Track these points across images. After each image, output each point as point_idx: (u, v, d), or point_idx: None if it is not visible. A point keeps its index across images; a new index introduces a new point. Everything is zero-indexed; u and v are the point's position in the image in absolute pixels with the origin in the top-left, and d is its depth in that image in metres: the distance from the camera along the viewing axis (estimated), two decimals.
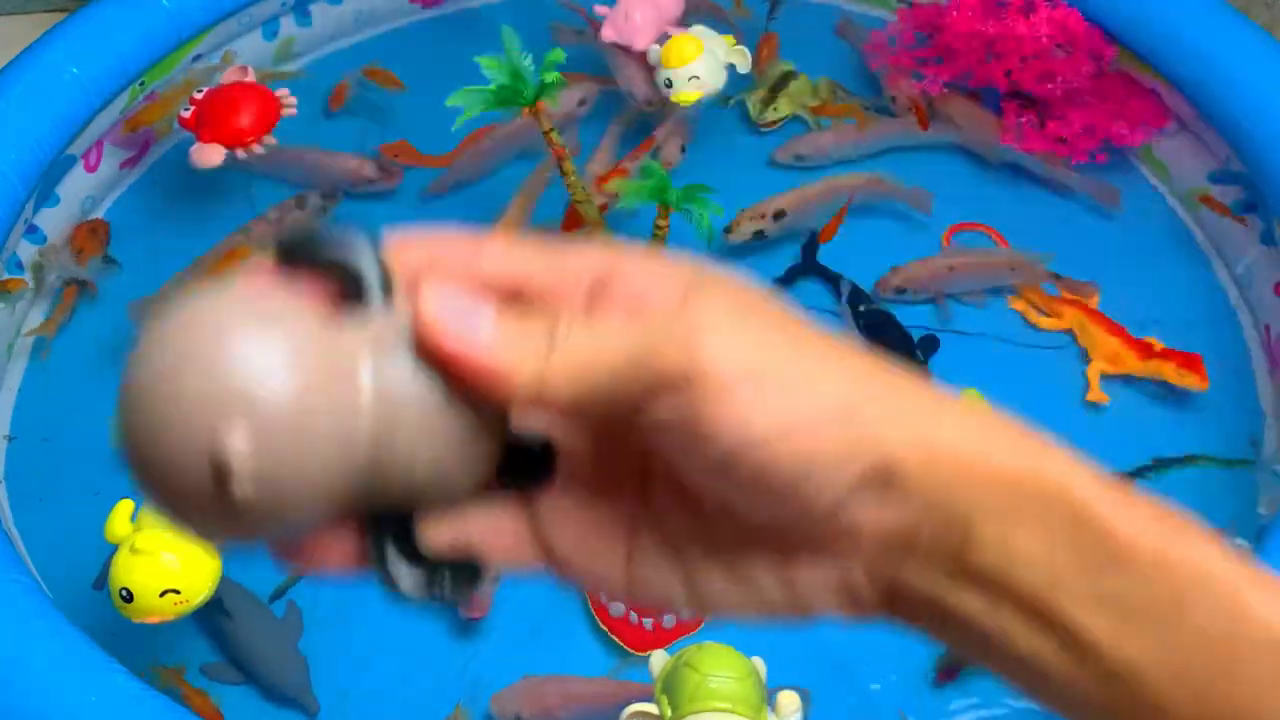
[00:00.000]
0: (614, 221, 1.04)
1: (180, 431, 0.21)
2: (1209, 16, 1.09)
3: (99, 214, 1.13)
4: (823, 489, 0.24)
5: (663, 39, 1.10)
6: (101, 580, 0.88)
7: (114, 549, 0.77)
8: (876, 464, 0.24)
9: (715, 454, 0.24)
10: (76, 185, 1.10)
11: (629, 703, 0.76)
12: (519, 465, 0.26)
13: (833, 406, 0.24)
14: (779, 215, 1.07)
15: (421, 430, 0.24)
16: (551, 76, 0.93)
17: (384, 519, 0.25)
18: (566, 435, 0.27)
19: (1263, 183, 1.03)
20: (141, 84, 1.11)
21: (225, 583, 0.79)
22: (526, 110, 0.95)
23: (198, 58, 1.16)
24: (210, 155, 1.04)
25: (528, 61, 0.92)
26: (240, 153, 1.05)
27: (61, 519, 0.92)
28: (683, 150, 1.12)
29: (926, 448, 0.24)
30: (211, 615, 0.84)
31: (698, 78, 1.06)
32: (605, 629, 0.85)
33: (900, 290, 1.04)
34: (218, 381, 0.21)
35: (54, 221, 1.08)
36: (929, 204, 1.11)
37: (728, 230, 1.06)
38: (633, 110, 1.15)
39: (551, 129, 0.96)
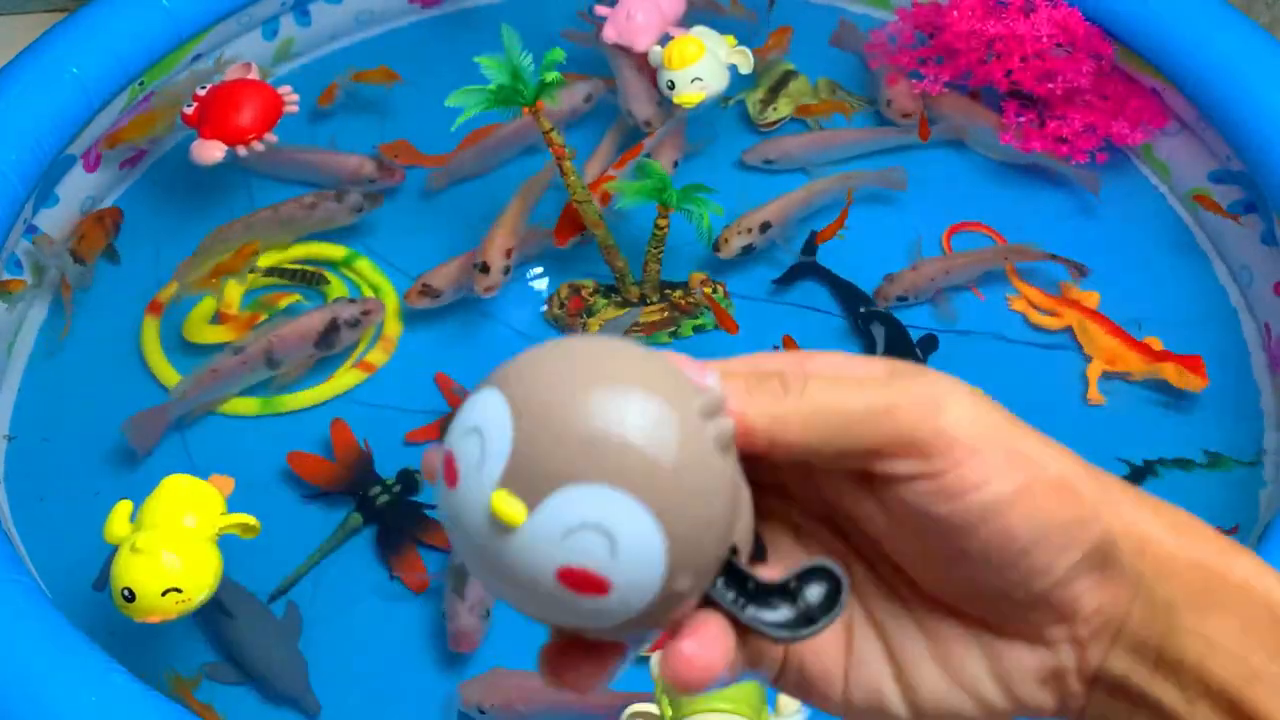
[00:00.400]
0: (613, 222, 1.04)
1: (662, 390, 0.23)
2: (1210, 16, 1.08)
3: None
4: (1051, 559, 0.26)
5: (664, 40, 1.10)
6: (101, 581, 0.88)
7: (113, 549, 0.76)
8: (1099, 542, 0.26)
9: (955, 514, 0.25)
10: (76, 185, 1.10)
11: (600, 709, 0.77)
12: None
13: (1062, 481, 0.26)
14: (765, 227, 1.07)
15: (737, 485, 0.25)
16: (551, 76, 0.93)
17: (724, 570, 0.25)
18: (780, 500, 0.29)
19: (1263, 182, 1.03)
20: (141, 84, 1.11)
21: (225, 583, 0.79)
22: (526, 110, 0.95)
23: (197, 57, 1.16)
24: (210, 152, 1.04)
25: (527, 61, 0.92)
26: (241, 150, 1.04)
27: (61, 519, 0.92)
28: (675, 165, 1.12)
29: (1137, 533, 0.26)
30: (212, 615, 0.84)
31: (700, 79, 1.06)
32: None
33: (902, 298, 1.04)
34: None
35: (54, 221, 1.08)
36: (904, 181, 1.11)
37: (716, 248, 1.06)
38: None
39: (552, 129, 0.96)
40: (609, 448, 0.22)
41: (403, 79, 1.20)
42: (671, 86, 1.07)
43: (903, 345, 1.01)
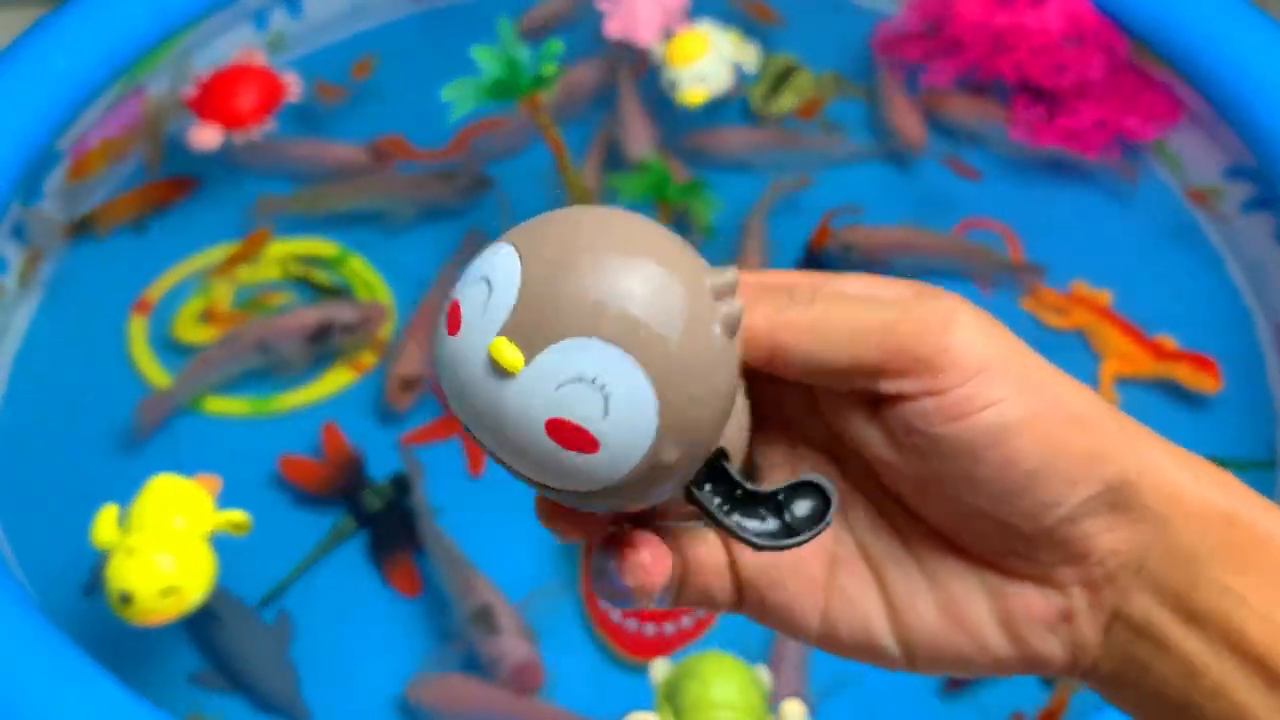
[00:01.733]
0: None
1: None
2: (1224, 9, 1.07)
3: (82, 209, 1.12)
4: (1060, 492, 0.25)
5: (668, 35, 1.08)
6: (92, 586, 0.86)
7: (102, 554, 0.75)
8: (1116, 481, 0.25)
9: (961, 434, 0.24)
10: (63, 182, 1.08)
11: None
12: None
13: (1077, 412, 0.25)
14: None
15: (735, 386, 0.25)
16: (549, 69, 0.91)
17: (712, 474, 0.25)
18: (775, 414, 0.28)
19: (1277, 178, 1.01)
20: (130, 77, 1.10)
21: (215, 589, 0.77)
22: (524, 103, 0.93)
23: (187, 51, 1.15)
24: (207, 137, 1.04)
25: (524, 53, 0.91)
26: (238, 136, 1.04)
27: (49, 523, 0.90)
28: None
29: (1162, 478, 0.25)
30: (200, 622, 0.83)
31: (703, 77, 1.04)
32: (604, 634, 0.84)
33: (846, 247, 1.01)
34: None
35: (39, 215, 1.07)
36: (799, 185, 1.09)
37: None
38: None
39: (550, 124, 0.94)
40: (612, 305, 0.22)
41: (379, 62, 1.19)
42: (674, 85, 1.05)
43: None
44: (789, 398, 0.27)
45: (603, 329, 0.22)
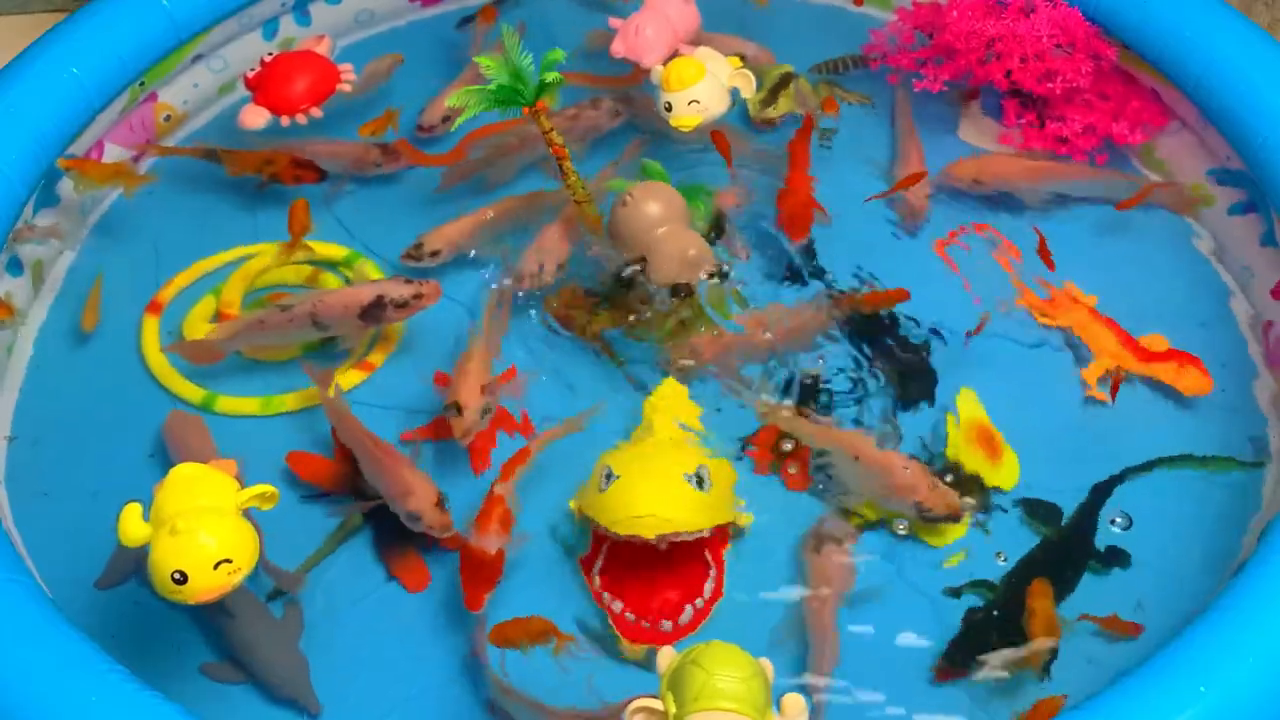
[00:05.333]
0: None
1: None
2: (1210, 17, 1.09)
3: (94, 216, 1.13)
4: None
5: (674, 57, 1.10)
6: (106, 579, 0.88)
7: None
8: None
9: None
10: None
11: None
12: None
13: None
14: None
15: None
16: (551, 76, 0.93)
17: None
18: None
19: (1263, 182, 1.03)
20: (141, 84, 1.12)
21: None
22: (527, 110, 0.95)
23: (198, 58, 1.16)
24: (254, 118, 1.08)
25: (527, 61, 0.93)
26: (285, 120, 1.08)
27: (63, 519, 0.92)
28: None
29: None
30: (212, 614, 0.84)
31: (698, 101, 1.05)
32: (610, 626, 0.85)
33: (976, 181, 1.08)
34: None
35: (53, 220, 1.08)
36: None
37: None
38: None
39: (551, 129, 0.96)
40: None
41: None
42: (669, 108, 1.06)
43: (899, 344, 1.02)
44: None
45: None
